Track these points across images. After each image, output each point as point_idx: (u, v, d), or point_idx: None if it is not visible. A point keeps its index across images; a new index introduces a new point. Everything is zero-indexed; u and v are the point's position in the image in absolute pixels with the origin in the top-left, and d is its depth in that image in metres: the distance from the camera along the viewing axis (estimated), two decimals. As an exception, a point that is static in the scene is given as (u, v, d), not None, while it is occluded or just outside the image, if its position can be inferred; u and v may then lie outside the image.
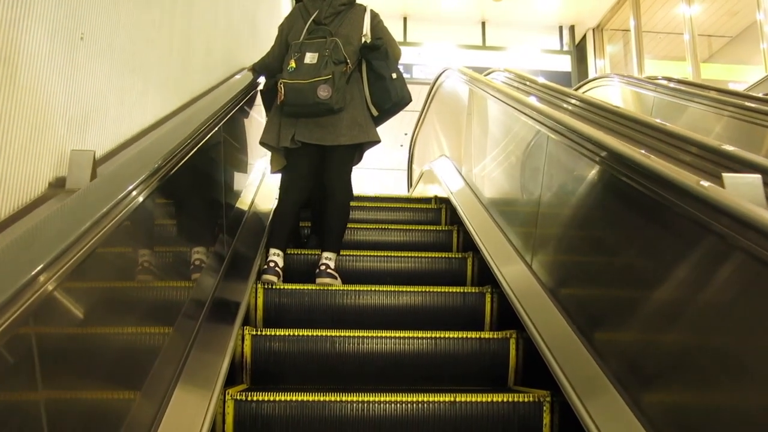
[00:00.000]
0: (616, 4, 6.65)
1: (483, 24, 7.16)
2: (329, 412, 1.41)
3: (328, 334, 1.68)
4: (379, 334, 1.71)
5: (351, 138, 2.23)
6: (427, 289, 1.99)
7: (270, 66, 2.42)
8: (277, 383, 1.63)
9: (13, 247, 0.76)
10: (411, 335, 1.71)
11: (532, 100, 2.10)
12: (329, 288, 2.00)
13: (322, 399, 1.41)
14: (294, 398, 1.40)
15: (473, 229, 2.37)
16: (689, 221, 0.98)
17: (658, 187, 1.07)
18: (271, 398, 1.38)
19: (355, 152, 2.34)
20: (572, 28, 7.30)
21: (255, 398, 1.37)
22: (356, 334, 1.70)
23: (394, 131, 10.47)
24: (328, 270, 2.13)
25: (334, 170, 2.30)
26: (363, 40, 2.27)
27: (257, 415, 1.37)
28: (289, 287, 1.98)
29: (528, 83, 3.11)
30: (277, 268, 2.09)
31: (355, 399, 1.43)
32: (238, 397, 1.37)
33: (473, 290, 2.04)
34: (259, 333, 1.66)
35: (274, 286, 1.97)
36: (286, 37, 2.33)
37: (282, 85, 2.17)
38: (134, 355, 1.07)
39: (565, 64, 7.20)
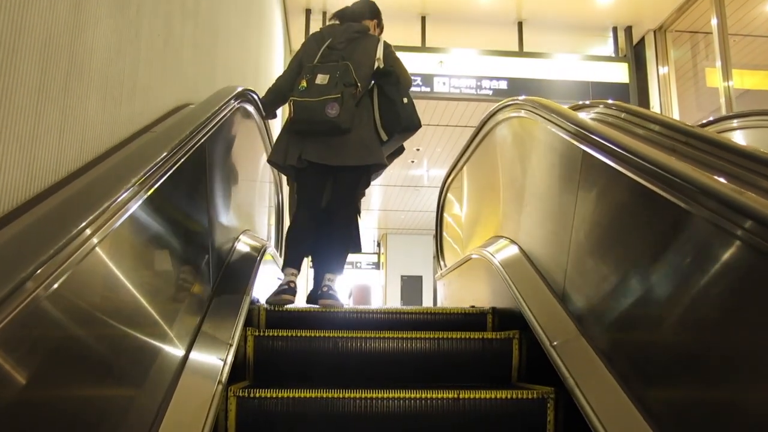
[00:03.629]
0: (686, 2, 6.90)
1: (520, 25, 7.45)
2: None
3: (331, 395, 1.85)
4: (391, 395, 1.86)
5: (358, 159, 2.74)
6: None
7: (281, 87, 2.98)
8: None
9: None
10: (429, 396, 1.87)
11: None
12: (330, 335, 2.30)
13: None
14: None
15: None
16: None
17: None
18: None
19: (362, 175, 2.86)
20: (629, 30, 7.56)
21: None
22: (364, 396, 1.87)
23: (406, 144, 10.76)
24: (330, 291, 2.71)
25: (339, 192, 2.84)
26: (376, 65, 2.83)
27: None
28: (283, 333, 2.28)
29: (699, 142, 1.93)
30: (292, 284, 2.68)
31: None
32: None
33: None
34: (250, 396, 1.82)
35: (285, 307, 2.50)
36: (300, 60, 2.90)
37: (292, 103, 2.71)
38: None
39: (618, 73, 7.44)
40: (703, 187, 1.46)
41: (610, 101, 3.38)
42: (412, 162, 12.54)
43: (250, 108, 3.03)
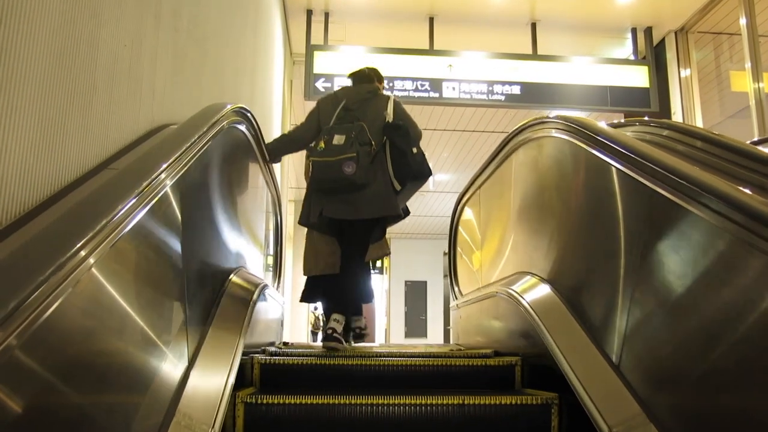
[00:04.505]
0: (710, 2, 6.50)
1: (533, 26, 7.03)
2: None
3: None
4: None
5: (372, 212, 2.98)
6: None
7: (296, 138, 3.28)
8: None
9: None
10: None
11: None
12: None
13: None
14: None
15: None
16: None
17: None
18: None
19: (376, 225, 3.07)
20: (649, 31, 7.15)
21: None
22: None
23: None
24: (335, 334, 2.86)
25: (355, 242, 3.08)
26: (386, 119, 3.05)
27: None
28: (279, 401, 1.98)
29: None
30: (336, 334, 2.85)
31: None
32: None
33: None
34: None
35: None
36: (317, 119, 3.17)
37: (311, 163, 2.98)
38: None
39: (638, 77, 7.02)
40: None
41: (646, 118, 3.01)
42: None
43: (243, 127, 2.64)
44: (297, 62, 7.85)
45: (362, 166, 2.90)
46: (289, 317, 14.34)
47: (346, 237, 3.11)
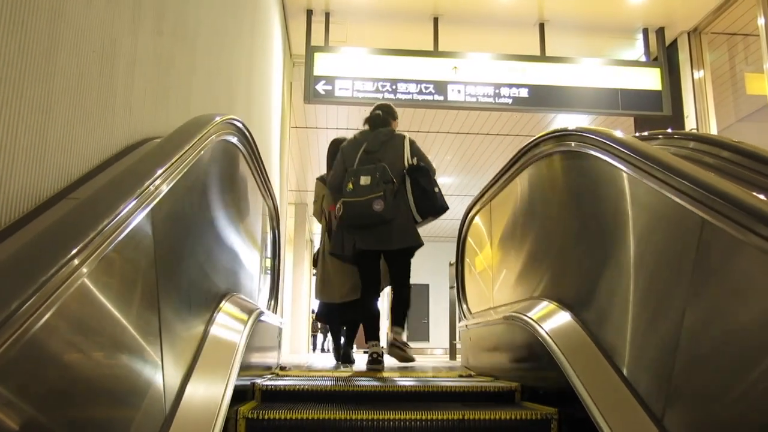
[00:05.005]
0: (725, 2, 6.24)
1: (541, 26, 6.77)
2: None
3: None
4: None
5: (400, 243, 3.40)
6: None
7: (336, 185, 3.56)
8: None
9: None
10: None
11: None
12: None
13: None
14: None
15: None
16: None
17: None
18: None
19: (405, 254, 3.51)
20: (661, 32, 6.89)
21: None
22: None
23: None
24: (397, 343, 3.46)
25: (392, 271, 3.61)
26: (406, 161, 3.44)
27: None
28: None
29: None
30: (375, 355, 3.39)
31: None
32: None
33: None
34: None
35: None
36: (343, 162, 3.54)
37: (342, 204, 3.35)
38: None
39: (649, 79, 6.76)
40: None
41: (670, 130, 2.80)
42: (420, 170, 11.88)
43: (234, 140, 2.38)
44: (297, 64, 7.60)
45: (388, 203, 3.28)
46: (289, 319, 14.08)
47: (389, 264, 3.68)
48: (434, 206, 3.47)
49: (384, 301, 5.12)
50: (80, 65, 1.50)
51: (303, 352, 14.63)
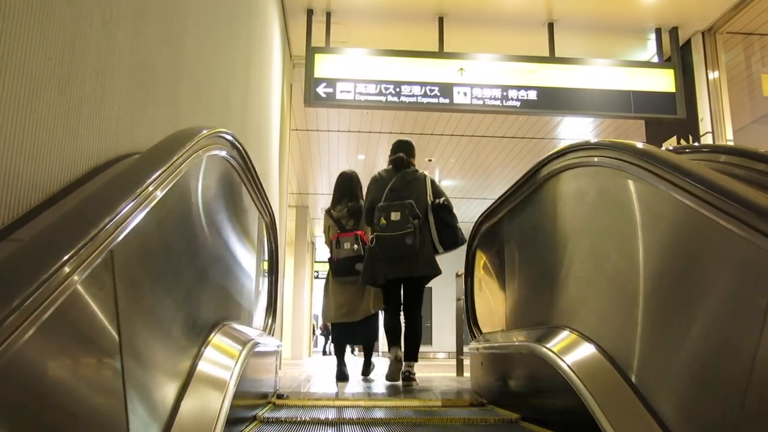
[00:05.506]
0: (741, 1, 5.99)
1: (550, 26, 6.52)
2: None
3: None
4: None
5: (424, 272, 3.83)
6: None
7: (369, 218, 4.04)
8: None
9: None
10: None
11: None
12: None
13: None
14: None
15: None
16: None
17: None
18: None
19: (424, 281, 3.96)
20: (674, 32, 6.64)
21: None
22: None
23: (417, 155, 9.95)
24: (410, 375, 3.76)
25: (413, 298, 4.01)
26: (431, 200, 3.91)
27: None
28: None
29: None
30: (401, 359, 3.85)
31: None
32: None
33: None
34: None
35: None
36: (372, 200, 3.99)
37: (376, 237, 3.81)
38: None
39: (662, 81, 6.51)
40: None
41: (696, 144, 2.55)
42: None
43: (224, 153, 2.14)
44: (297, 65, 7.35)
45: (416, 236, 3.73)
46: (289, 323, 13.84)
47: (405, 291, 4.06)
48: (456, 240, 3.96)
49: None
50: (33, 75, 1.25)
51: (304, 357, 14.41)
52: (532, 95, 6.23)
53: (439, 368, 8.25)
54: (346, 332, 4.54)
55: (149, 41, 1.99)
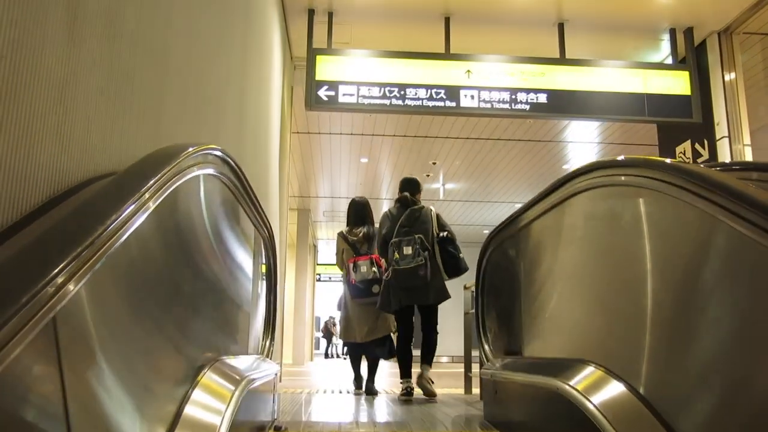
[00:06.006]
0: (760, 0, 5.74)
1: (560, 27, 6.27)
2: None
3: None
4: None
5: (435, 299, 4.41)
6: None
7: (383, 250, 4.61)
8: None
9: None
10: None
11: None
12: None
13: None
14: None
15: None
16: None
17: None
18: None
19: (436, 307, 4.50)
20: (689, 32, 6.39)
21: None
22: None
23: (421, 158, 9.73)
24: (425, 378, 4.32)
25: (428, 321, 4.51)
26: (438, 234, 4.46)
27: None
28: None
29: None
30: (409, 389, 4.34)
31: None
32: None
33: None
34: None
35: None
36: (384, 235, 4.56)
37: (393, 271, 4.33)
38: None
39: (676, 83, 6.25)
40: None
41: (728, 161, 2.33)
42: (428, 176, 11.44)
43: (212, 171, 1.90)
44: (298, 67, 7.11)
45: (428, 268, 4.26)
46: (290, 328, 13.60)
47: (422, 316, 4.55)
48: (459, 269, 4.46)
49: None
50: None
51: (306, 362, 14.19)
52: (542, 98, 5.98)
53: (444, 378, 8.00)
54: (362, 348, 4.94)
55: (125, 43, 1.74)
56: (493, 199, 12.98)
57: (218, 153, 1.90)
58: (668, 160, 1.73)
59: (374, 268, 4.76)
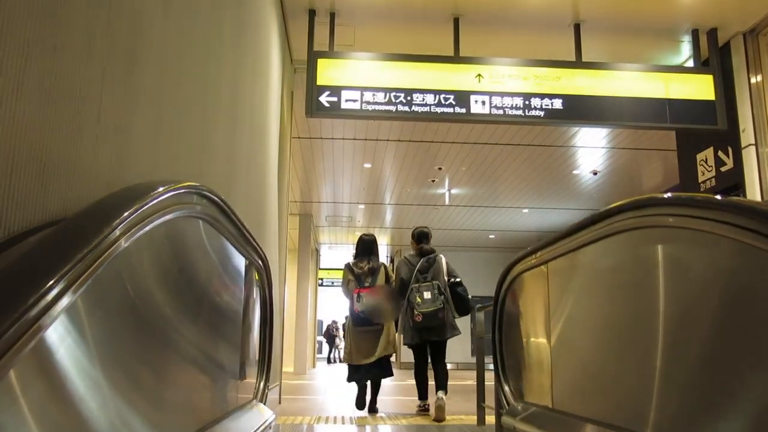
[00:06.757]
0: (793, -3, 5.37)
1: (577, 28, 5.90)
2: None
3: None
4: None
5: (449, 335, 5.23)
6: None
7: (402, 293, 5.35)
8: None
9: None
10: None
11: None
12: None
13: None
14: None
15: None
16: None
17: None
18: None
19: (446, 341, 5.30)
20: (713, 33, 6.02)
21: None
22: None
23: (426, 163, 9.38)
24: (440, 402, 4.81)
25: (439, 352, 5.34)
26: (449, 279, 5.36)
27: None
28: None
29: None
30: (425, 405, 5.26)
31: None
32: None
33: None
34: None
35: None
36: (402, 278, 5.40)
37: (416, 312, 5.12)
38: None
39: (699, 87, 5.88)
40: None
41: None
42: (433, 181, 11.09)
43: (187, 212, 1.54)
44: (299, 70, 6.76)
45: (445, 310, 5.12)
46: (292, 334, 13.25)
47: (433, 349, 5.32)
48: (467, 309, 5.30)
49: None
50: None
51: (308, 369, 13.86)
52: (558, 104, 5.62)
53: (452, 392, 7.66)
54: (366, 369, 5.38)
55: (67, 54, 1.38)
56: (500, 204, 12.62)
57: (197, 191, 1.54)
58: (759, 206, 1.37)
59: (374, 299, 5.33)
